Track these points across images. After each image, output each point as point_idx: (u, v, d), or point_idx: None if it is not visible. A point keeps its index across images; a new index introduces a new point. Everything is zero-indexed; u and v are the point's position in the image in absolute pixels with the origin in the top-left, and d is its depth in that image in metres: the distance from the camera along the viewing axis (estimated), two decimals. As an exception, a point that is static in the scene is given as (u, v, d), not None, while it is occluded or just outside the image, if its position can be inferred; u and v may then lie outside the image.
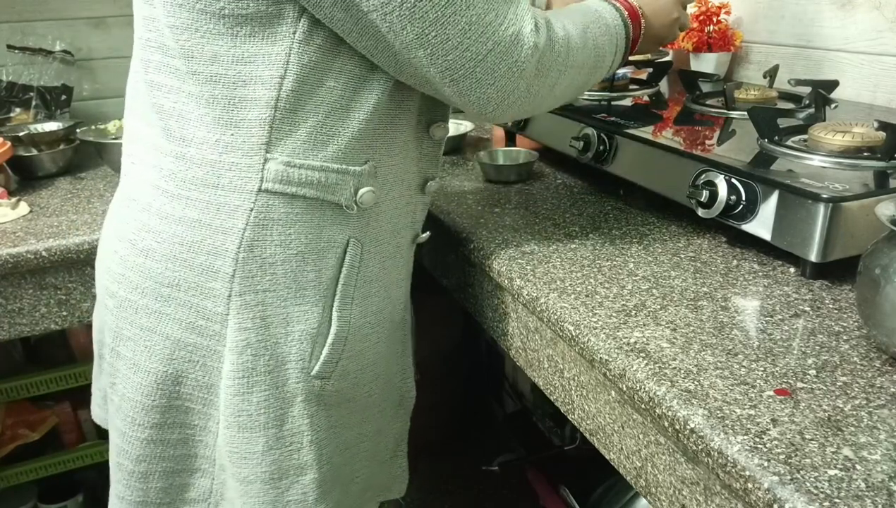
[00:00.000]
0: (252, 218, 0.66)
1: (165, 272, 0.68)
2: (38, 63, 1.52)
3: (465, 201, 1.03)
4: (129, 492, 0.77)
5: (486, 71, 0.63)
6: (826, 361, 0.60)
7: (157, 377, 0.71)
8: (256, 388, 0.69)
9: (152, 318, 0.70)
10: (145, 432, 0.73)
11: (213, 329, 0.68)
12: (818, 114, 0.97)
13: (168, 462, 0.75)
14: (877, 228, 0.59)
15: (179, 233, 0.67)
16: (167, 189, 0.68)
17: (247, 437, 0.70)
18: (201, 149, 0.66)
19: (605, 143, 1.00)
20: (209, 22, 0.62)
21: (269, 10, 0.61)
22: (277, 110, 0.64)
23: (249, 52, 0.62)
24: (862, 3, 1.13)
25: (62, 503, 1.45)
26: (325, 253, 0.69)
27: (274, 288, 0.67)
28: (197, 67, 0.64)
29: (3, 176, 1.19)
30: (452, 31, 0.60)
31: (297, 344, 0.69)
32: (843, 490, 0.45)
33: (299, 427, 0.71)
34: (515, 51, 0.64)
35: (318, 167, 0.66)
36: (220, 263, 0.67)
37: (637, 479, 0.65)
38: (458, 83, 0.64)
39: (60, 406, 1.43)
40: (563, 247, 0.85)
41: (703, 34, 1.37)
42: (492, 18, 0.62)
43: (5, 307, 0.99)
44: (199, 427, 0.74)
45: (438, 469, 1.80)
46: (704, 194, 0.80)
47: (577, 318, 0.69)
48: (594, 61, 0.75)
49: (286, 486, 0.72)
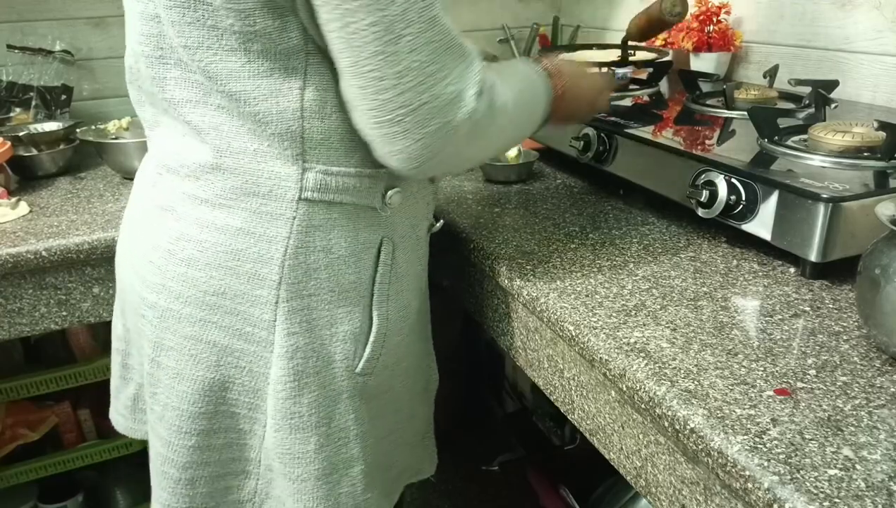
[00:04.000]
0: (295, 226, 0.66)
1: (210, 281, 0.68)
2: (38, 63, 1.52)
3: (465, 201, 1.03)
4: (175, 500, 0.76)
5: (416, 123, 0.59)
6: (826, 361, 0.60)
7: (203, 384, 0.71)
8: (307, 390, 0.70)
9: (197, 327, 0.70)
10: (192, 439, 0.74)
11: (259, 335, 0.69)
12: (818, 114, 0.97)
13: (214, 467, 0.76)
14: (877, 228, 0.59)
15: (223, 242, 0.68)
16: (206, 198, 0.68)
17: (300, 438, 0.71)
18: (238, 158, 0.66)
19: (605, 143, 1.00)
20: (221, 39, 0.61)
21: (276, 24, 0.60)
22: (305, 120, 0.64)
23: (265, 67, 0.62)
24: (862, 3, 1.13)
25: (62, 503, 1.44)
26: (362, 254, 0.70)
27: (318, 293, 0.69)
28: (219, 85, 0.63)
29: (3, 176, 1.19)
30: (389, 71, 0.57)
31: (342, 344, 0.71)
32: (843, 490, 0.45)
33: (346, 423, 0.73)
34: (452, 111, 0.60)
35: (354, 173, 0.67)
36: (265, 271, 0.67)
37: (637, 479, 0.65)
38: (384, 127, 0.60)
39: (60, 406, 1.43)
40: (563, 247, 0.85)
41: (703, 34, 1.37)
42: (434, 70, 0.58)
43: (5, 307, 0.99)
44: (245, 430, 0.74)
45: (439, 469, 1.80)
46: (704, 194, 0.80)
47: (577, 318, 0.69)
48: (519, 132, 0.76)
49: (336, 480, 0.74)
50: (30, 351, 1.44)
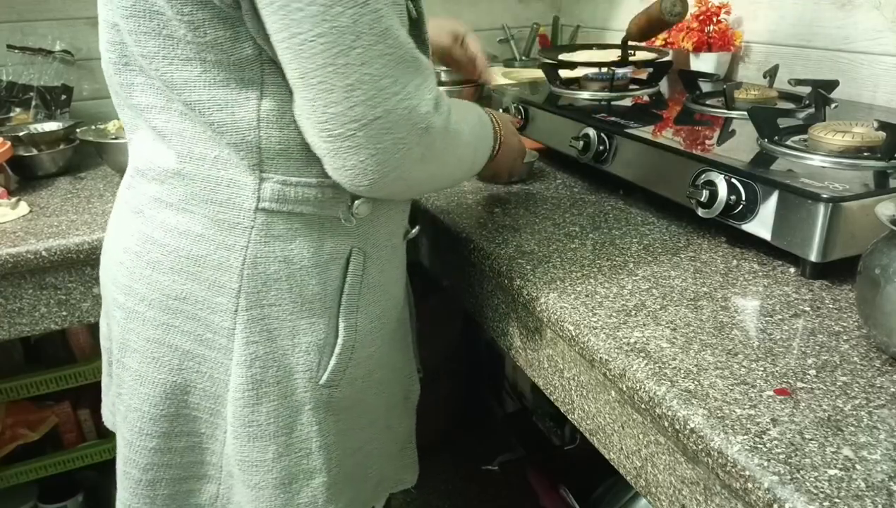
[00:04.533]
0: (253, 235, 0.66)
1: (173, 285, 0.68)
2: (38, 63, 1.52)
3: (465, 201, 1.03)
4: (136, 500, 0.77)
5: (368, 138, 0.57)
6: (826, 361, 0.60)
7: (164, 387, 0.71)
8: (265, 399, 0.69)
9: (160, 330, 0.70)
10: (153, 441, 0.74)
11: (220, 342, 0.69)
12: (818, 114, 0.97)
13: (175, 470, 0.76)
14: (877, 228, 0.59)
15: (185, 247, 0.67)
16: (171, 202, 0.68)
17: (257, 446, 0.71)
18: (199, 165, 0.65)
19: (605, 143, 1.00)
20: (176, 48, 0.60)
21: (228, 35, 0.59)
22: (262, 130, 0.63)
23: (221, 77, 0.61)
24: (862, 3, 1.13)
25: (62, 503, 1.45)
26: (328, 265, 0.69)
27: (279, 303, 0.68)
28: (178, 94, 0.63)
29: (3, 176, 1.19)
30: (339, 84, 0.55)
31: (305, 355, 0.69)
32: (843, 490, 0.45)
33: (308, 434, 0.72)
34: (405, 126, 0.58)
35: (314, 183, 0.66)
36: (225, 278, 0.67)
37: (637, 479, 0.65)
38: (335, 141, 0.58)
39: (60, 406, 1.43)
40: (563, 247, 0.85)
41: (703, 34, 1.37)
42: (387, 84, 0.56)
43: (5, 307, 0.99)
44: (207, 434, 0.74)
45: (438, 469, 1.80)
46: (704, 194, 0.80)
47: (577, 318, 0.69)
48: (470, 163, 0.76)
49: (296, 490, 0.73)
50: (30, 351, 1.44)
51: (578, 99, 1.18)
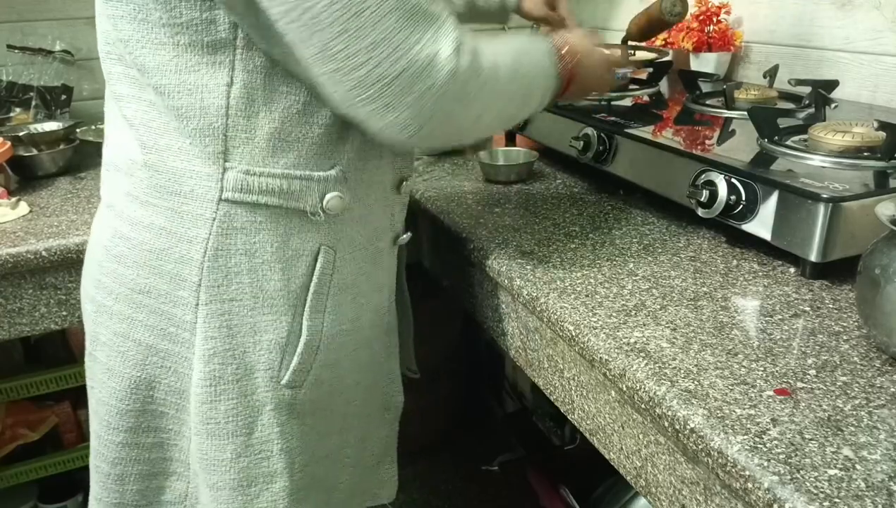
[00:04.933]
0: (215, 227, 0.65)
1: (137, 279, 0.69)
2: (38, 63, 1.52)
3: (465, 201, 1.03)
4: (105, 494, 0.77)
5: (398, 93, 0.59)
6: (826, 361, 0.60)
7: (130, 381, 0.71)
8: (224, 396, 0.69)
9: (125, 324, 0.70)
10: (120, 435, 0.74)
11: (182, 336, 0.69)
12: (818, 114, 0.97)
13: (143, 466, 0.76)
14: (877, 228, 0.59)
15: (148, 241, 0.68)
16: (137, 196, 0.68)
17: (215, 444, 0.70)
18: (164, 156, 0.65)
19: (605, 143, 1.00)
20: (150, 32, 0.61)
21: (204, 17, 0.60)
22: (230, 118, 0.63)
23: (192, 61, 0.61)
24: (862, 3, 1.13)
25: (62, 503, 1.44)
26: (293, 261, 0.68)
27: (240, 298, 0.67)
28: (149, 79, 0.63)
29: (3, 176, 1.19)
30: (358, 47, 0.56)
31: (266, 353, 0.69)
32: (843, 490, 0.45)
33: (269, 436, 0.71)
34: (432, 74, 0.59)
35: (280, 174, 0.65)
36: (186, 272, 0.67)
37: (637, 479, 0.65)
38: (370, 103, 0.59)
39: (60, 406, 1.43)
40: (563, 247, 0.85)
41: (703, 34, 1.37)
42: (404, 37, 0.57)
43: (5, 307, 0.99)
44: (174, 431, 0.74)
45: (438, 469, 1.80)
46: (704, 194, 0.80)
47: (577, 318, 0.69)
48: (523, 96, 0.73)
49: (255, 493, 0.73)
50: (30, 351, 1.44)
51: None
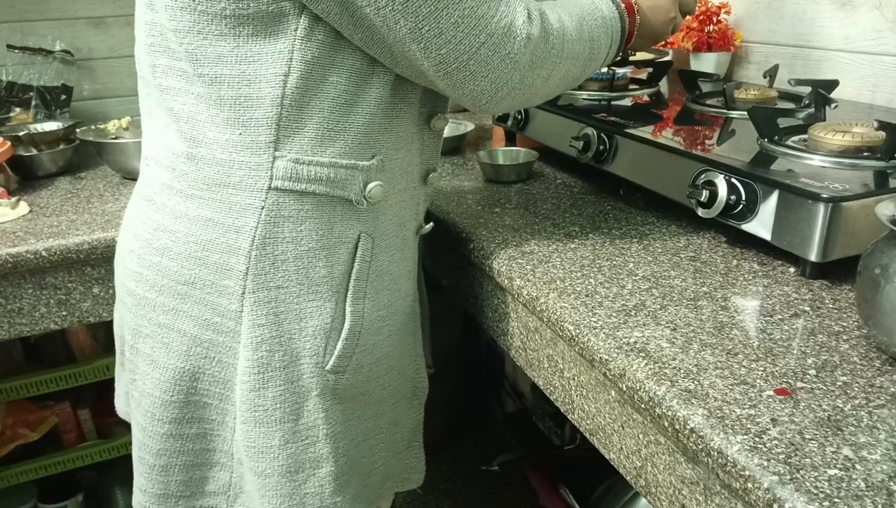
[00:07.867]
0: (263, 215, 0.67)
1: (182, 270, 0.70)
2: (38, 63, 1.52)
3: (465, 201, 1.03)
4: (150, 485, 0.78)
5: (479, 63, 0.64)
6: (826, 361, 0.60)
7: (174, 373, 0.72)
8: (271, 384, 0.70)
9: (170, 316, 0.71)
10: (164, 427, 0.75)
11: (228, 325, 0.70)
12: (818, 113, 0.97)
13: (187, 456, 0.77)
14: (877, 228, 0.59)
15: (194, 232, 0.69)
16: (181, 189, 0.69)
17: (263, 432, 0.71)
18: (212, 149, 0.67)
19: (605, 143, 1.00)
20: (211, 23, 0.63)
21: (270, 9, 0.61)
22: (283, 108, 0.65)
23: (253, 52, 0.63)
24: (862, 3, 1.13)
25: (62, 503, 1.45)
26: (336, 248, 0.70)
27: (286, 285, 0.69)
28: (202, 70, 0.65)
29: (3, 176, 1.19)
30: (445, 25, 0.61)
31: (311, 339, 0.70)
32: (842, 490, 0.45)
33: (315, 422, 0.72)
34: (508, 42, 0.64)
35: (328, 163, 0.67)
36: (233, 261, 0.68)
37: (637, 479, 0.65)
38: (451, 76, 0.65)
39: (60, 406, 1.43)
40: (563, 247, 0.85)
41: (703, 34, 1.37)
42: (484, 11, 0.62)
43: (5, 307, 0.99)
44: (217, 421, 0.75)
45: (438, 469, 1.80)
46: (704, 194, 0.80)
47: (577, 318, 0.69)
48: (589, 53, 0.75)
49: (303, 479, 0.74)
50: (30, 351, 1.44)
51: (578, 98, 1.18)
